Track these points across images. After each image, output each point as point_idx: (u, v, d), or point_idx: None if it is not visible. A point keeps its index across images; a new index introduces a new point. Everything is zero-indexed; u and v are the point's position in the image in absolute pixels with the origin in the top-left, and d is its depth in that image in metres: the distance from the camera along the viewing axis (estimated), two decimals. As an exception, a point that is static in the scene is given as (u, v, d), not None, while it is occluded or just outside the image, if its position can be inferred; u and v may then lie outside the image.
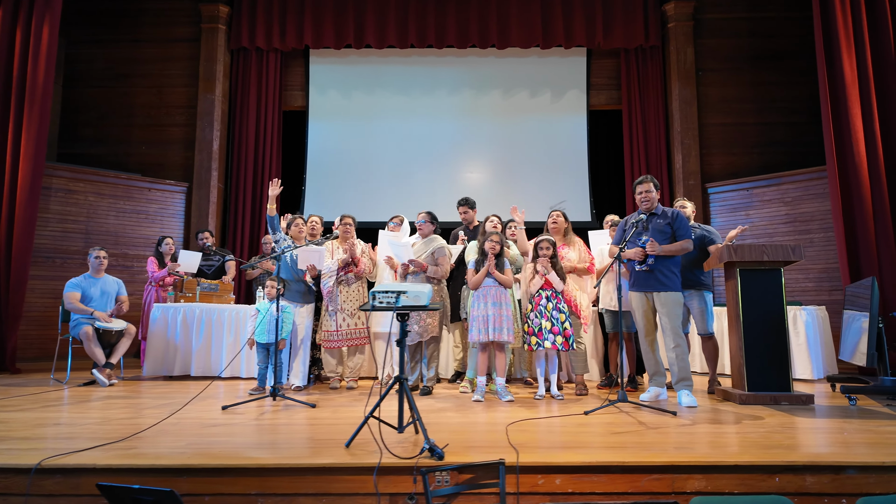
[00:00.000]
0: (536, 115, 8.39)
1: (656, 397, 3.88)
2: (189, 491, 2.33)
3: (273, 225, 4.34)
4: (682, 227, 3.90)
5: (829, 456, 2.36)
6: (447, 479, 2.31)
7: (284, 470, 2.32)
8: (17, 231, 5.64)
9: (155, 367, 5.03)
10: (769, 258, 3.84)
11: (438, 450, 2.30)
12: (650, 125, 8.04)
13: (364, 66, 8.46)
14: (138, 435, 2.79)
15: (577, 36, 8.02)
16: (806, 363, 4.99)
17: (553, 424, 3.05)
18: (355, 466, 2.30)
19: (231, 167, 8.14)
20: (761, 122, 7.88)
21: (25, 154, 5.77)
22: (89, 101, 8.08)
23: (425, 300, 2.54)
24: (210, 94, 7.98)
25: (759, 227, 7.38)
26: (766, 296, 3.84)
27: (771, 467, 2.30)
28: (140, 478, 2.31)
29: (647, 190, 3.99)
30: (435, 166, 8.29)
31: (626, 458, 2.33)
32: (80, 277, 4.93)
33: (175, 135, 8.05)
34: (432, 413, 3.39)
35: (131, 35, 8.20)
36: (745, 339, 3.81)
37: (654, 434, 2.79)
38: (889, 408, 3.57)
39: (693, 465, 2.31)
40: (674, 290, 3.82)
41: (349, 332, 4.40)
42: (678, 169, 7.85)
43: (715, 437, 2.72)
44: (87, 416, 3.28)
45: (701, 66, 8.03)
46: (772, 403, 3.69)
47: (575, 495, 2.31)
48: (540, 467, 2.32)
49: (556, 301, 4.00)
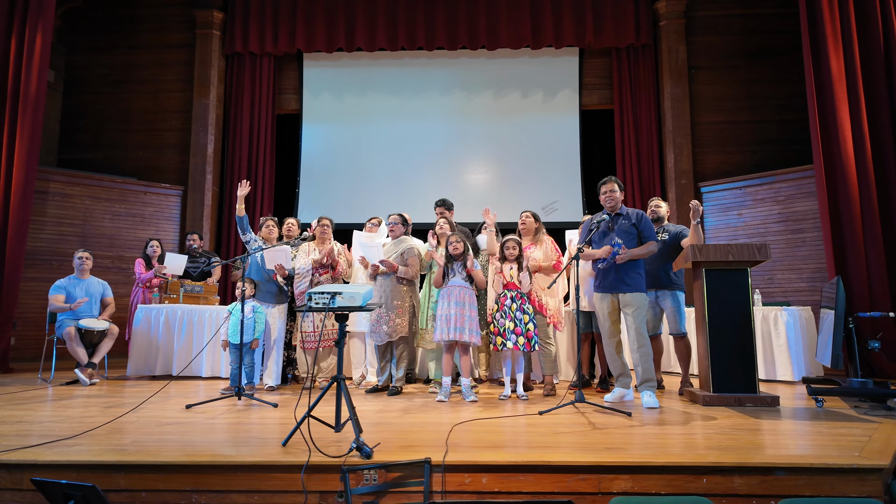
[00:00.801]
0: (528, 115, 8.38)
1: (621, 398, 3.86)
2: (127, 487, 2.39)
3: (242, 226, 4.42)
4: (647, 228, 3.88)
5: (759, 457, 2.33)
6: (375, 477, 2.34)
7: (217, 467, 2.37)
8: (10, 235, 5.81)
9: (138, 367, 5.14)
10: (735, 258, 3.80)
11: (366, 449, 2.33)
12: (642, 124, 7.98)
13: (357, 68, 8.54)
14: (91, 432, 2.87)
15: (567, 36, 8.00)
16: (786, 364, 4.92)
17: (502, 424, 3.07)
18: (285, 464, 2.35)
19: (226, 170, 8.27)
20: (755, 120, 7.78)
21: (19, 159, 5.94)
22: (88, 108, 8.28)
23: (360, 301, 2.57)
24: (205, 98, 8.12)
25: (751, 227, 7.28)
26: (732, 296, 3.81)
27: (699, 468, 2.29)
28: (79, 474, 2.38)
29: (610, 190, 3.97)
30: (427, 167, 8.33)
31: (553, 458, 2.34)
32: (66, 279, 5.07)
33: (171, 139, 8.21)
34: (388, 413, 3.42)
35: (128, 42, 8.38)
36: (711, 340, 3.78)
37: (597, 434, 2.79)
38: (856, 410, 3.51)
39: (620, 466, 2.31)
40: (638, 291, 3.80)
41: (326, 333, 4.45)
42: (670, 168, 7.78)
43: (655, 439, 2.70)
44: (51, 414, 3.38)
45: (693, 64, 7.95)
46: (736, 405, 3.65)
47: (501, 494, 2.33)
48: (467, 466, 2.34)
49: (521, 302, 4.01)
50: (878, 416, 3.23)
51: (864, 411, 3.43)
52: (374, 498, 2.35)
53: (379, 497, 2.35)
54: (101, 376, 5.09)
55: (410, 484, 2.30)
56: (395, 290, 4.18)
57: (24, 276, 6.39)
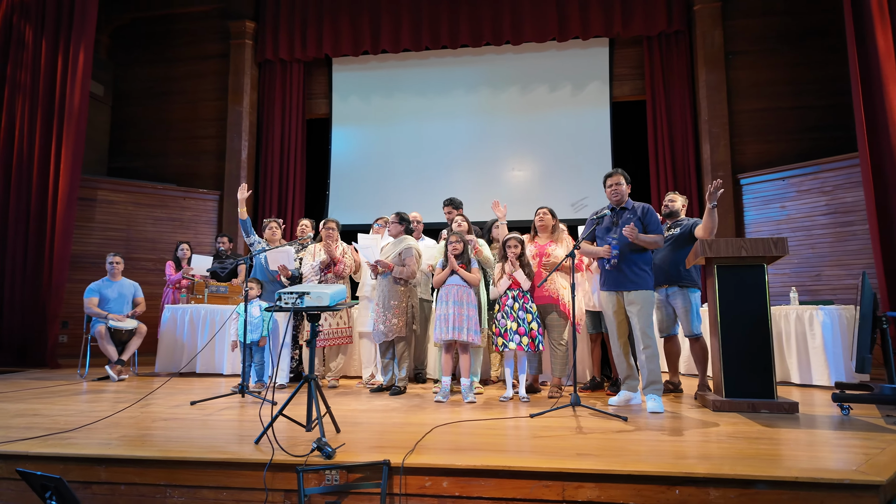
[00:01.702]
0: (557, 109, 8.19)
1: (627, 402, 3.69)
2: (107, 480, 2.50)
3: (246, 228, 4.53)
4: (652, 222, 3.69)
5: (741, 468, 2.15)
6: (337, 477, 2.33)
7: (188, 463, 2.43)
8: (57, 240, 6.23)
9: (165, 364, 5.39)
10: (749, 253, 3.55)
11: (327, 449, 2.33)
12: (675, 115, 7.62)
13: (383, 70, 8.62)
14: (90, 426, 3.02)
15: (594, 26, 7.75)
16: (823, 368, 4.55)
17: (485, 426, 2.99)
18: (251, 462, 2.38)
19: (260, 175, 8.55)
20: (799, 106, 7.27)
21: (64, 169, 6.37)
22: (133, 119, 8.77)
23: (328, 301, 2.57)
24: (238, 106, 8.42)
25: (795, 220, 6.81)
26: (746, 294, 3.56)
27: (672, 478, 2.14)
28: (65, 465, 2.51)
29: (616, 183, 3.81)
30: (454, 166, 8.29)
31: (516, 463, 2.26)
32: (99, 281, 5.38)
33: (208, 146, 8.57)
34: (375, 413, 3.42)
35: (169, 55, 8.81)
36: (723, 342, 3.55)
37: (577, 439, 2.67)
38: (887, 419, 3.19)
39: (587, 474, 2.19)
40: (644, 289, 3.62)
41: (330, 332, 4.51)
42: (706, 160, 7.38)
43: (639, 445, 2.56)
44: (63, 408, 3.58)
45: (730, 50, 7.52)
46: (749, 411, 3.41)
47: (462, 499, 2.27)
48: (428, 469, 2.29)
49: (524, 301, 3.90)
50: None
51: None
52: (336, 498, 2.34)
53: (341, 497, 2.34)
54: (131, 372, 5.36)
55: (369, 486, 2.27)
56: (392, 291, 4.18)
57: (73, 278, 6.85)
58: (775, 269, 6.85)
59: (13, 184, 6.44)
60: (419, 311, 4.55)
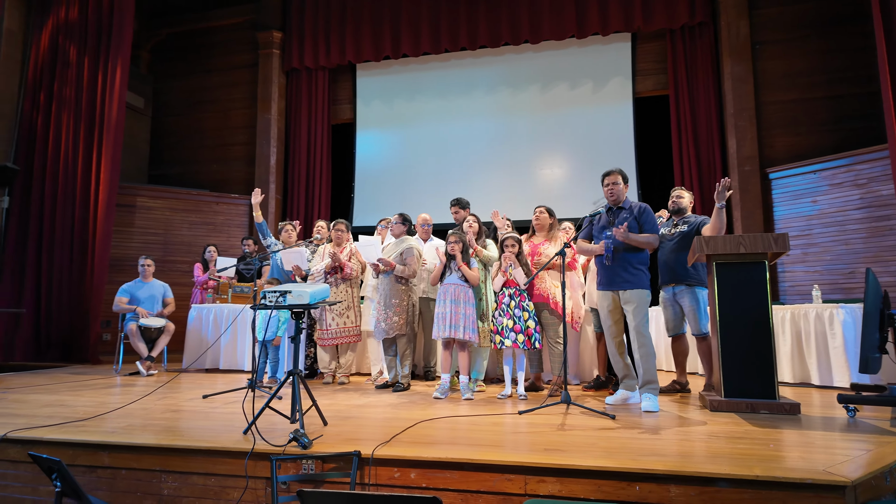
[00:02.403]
0: (578, 107, 8.13)
1: (624, 401, 3.66)
2: (110, 464, 2.70)
3: (262, 231, 4.73)
4: (648, 221, 3.65)
5: (706, 467, 2.13)
6: (313, 467, 2.45)
7: (179, 450, 2.60)
8: (97, 244, 6.67)
9: (192, 361, 5.69)
10: (748, 249, 3.46)
11: (303, 440, 2.45)
12: (700, 109, 7.42)
13: (405, 74, 8.77)
14: (103, 415, 3.26)
15: (614, 21, 7.65)
16: (843, 368, 4.35)
17: (467, 422, 3.04)
18: (234, 451, 2.52)
19: (288, 179, 8.85)
20: (831, 96, 6.95)
21: (103, 177, 6.81)
22: (171, 129, 9.26)
23: (308, 299, 2.69)
24: (267, 113, 8.76)
25: (827, 215, 6.52)
26: (747, 292, 3.47)
27: (633, 475, 2.15)
28: (73, 451, 2.73)
29: (613, 182, 3.79)
30: (474, 166, 8.35)
31: (482, 457, 2.31)
32: (131, 283, 5.72)
33: (239, 153, 8.95)
34: (372, 408, 3.52)
35: (203, 67, 9.26)
36: (722, 341, 3.47)
37: (553, 436, 2.69)
38: (894, 422, 3.06)
39: (548, 468, 2.22)
40: (639, 288, 3.58)
41: (338, 331, 4.66)
42: (732, 154, 7.17)
43: (611, 442, 2.55)
44: (87, 400, 3.86)
45: (758, 40, 7.26)
46: (747, 411, 3.33)
47: (429, 490, 2.34)
48: (397, 461, 2.37)
49: (520, 299, 3.93)
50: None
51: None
52: (312, 486, 2.46)
53: (317, 486, 2.45)
54: (161, 368, 5.68)
55: (338, 475, 2.38)
56: (393, 289, 4.28)
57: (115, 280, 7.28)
58: (805, 266, 6.59)
59: (59, 192, 6.93)
60: (427, 309, 4.64)
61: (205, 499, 2.57)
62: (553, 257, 3.82)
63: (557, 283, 4.20)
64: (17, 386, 4.56)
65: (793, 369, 4.64)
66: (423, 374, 5.00)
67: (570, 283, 4.35)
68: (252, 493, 2.48)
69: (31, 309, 6.74)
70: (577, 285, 4.38)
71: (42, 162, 7.02)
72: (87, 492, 2.69)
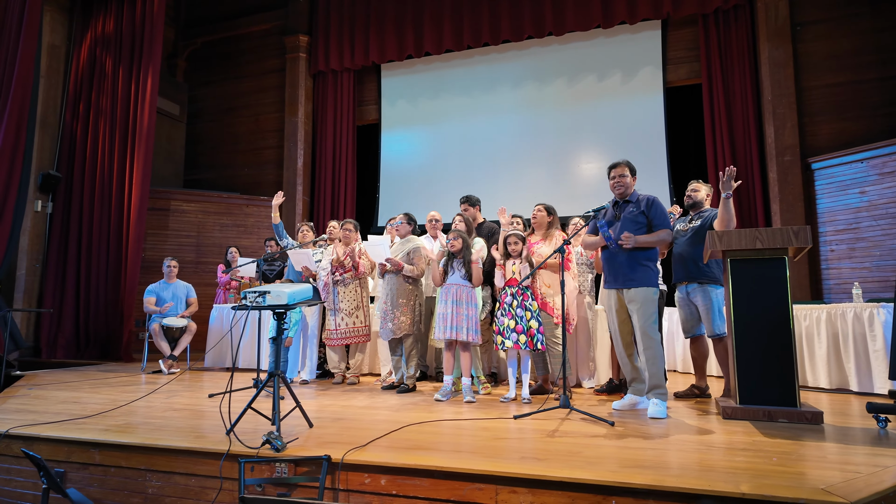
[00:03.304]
0: (606, 99, 7.85)
1: (633, 406, 3.47)
2: (101, 462, 2.76)
3: (279, 233, 4.78)
4: (659, 215, 3.43)
5: (685, 481, 1.96)
6: (286, 470, 2.41)
7: (162, 450, 2.63)
8: (130, 246, 6.94)
9: (213, 360, 5.83)
10: (765, 245, 3.21)
11: (276, 443, 2.41)
12: (735, 97, 7.00)
13: (429, 73, 8.71)
14: (107, 413, 3.35)
15: (641, 9, 7.33)
16: (884, 374, 3.98)
17: (457, 427, 2.94)
18: (211, 452, 2.52)
19: (315, 181, 8.96)
20: (885, 77, 6.40)
21: (135, 183, 7.08)
22: (205, 134, 9.55)
23: (286, 299, 2.66)
24: (294, 117, 8.89)
25: (878, 206, 6.02)
26: (765, 290, 3.21)
27: (609, 488, 2.00)
28: (68, 448, 2.80)
29: (620, 174, 3.59)
30: (499, 163, 8.20)
31: (453, 464, 2.21)
32: (157, 283, 5.92)
33: (268, 156, 9.13)
34: (366, 410, 3.47)
35: (235, 73, 9.50)
36: (737, 343, 3.23)
37: (539, 442, 2.56)
38: (932, 434, 2.75)
39: (522, 478, 2.10)
40: (645, 286, 3.37)
41: (347, 331, 4.64)
42: (770, 144, 6.72)
43: (598, 451, 2.40)
44: (104, 397, 3.99)
45: (800, 20, 6.79)
46: (765, 419, 3.08)
47: (399, 497, 2.26)
48: (368, 466, 2.31)
49: (522, 298, 3.79)
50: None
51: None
52: (286, 489, 2.42)
53: (290, 490, 2.42)
54: (184, 367, 5.84)
55: (302, 479, 2.33)
56: (400, 289, 4.22)
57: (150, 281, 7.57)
58: (852, 262, 6.12)
59: (97, 197, 7.25)
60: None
61: (186, 499, 2.58)
62: (549, 256, 3.66)
63: (549, 282, 4.02)
64: (46, 382, 4.78)
65: (829, 374, 4.29)
66: (435, 376, 4.92)
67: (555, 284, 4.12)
68: (229, 495, 2.47)
69: (71, 309, 7.09)
70: (570, 287, 4.16)
71: (81, 169, 7.37)
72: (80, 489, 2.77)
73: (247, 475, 2.42)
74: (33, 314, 7.19)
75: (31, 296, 7.23)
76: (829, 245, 6.34)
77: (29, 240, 7.21)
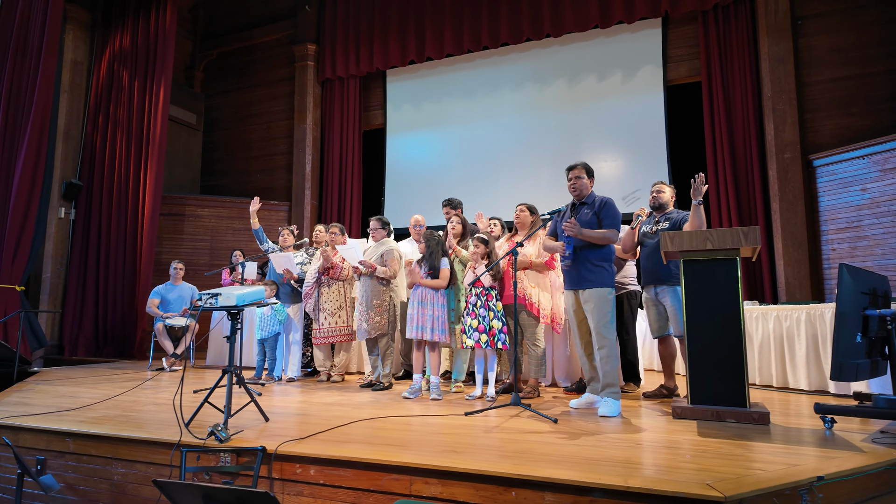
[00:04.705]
0: (607, 99, 7.84)
1: (590, 404, 3.52)
2: (75, 451, 3.00)
3: (259, 237, 5.00)
4: (609, 216, 3.48)
5: (580, 475, 2.03)
6: (228, 459, 2.59)
7: (125, 440, 2.84)
8: (143, 250, 7.33)
9: (214, 358, 6.11)
10: (716, 245, 3.22)
11: (220, 434, 2.59)
12: (735, 94, 6.90)
13: (432, 77, 8.86)
14: (91, 406, 3.61)
15: (639, 7, 7.30)
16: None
17: (402, 422, 3.06)
18: (163, 442, 2.72)
19: (323, 185, 9.23)
20: (894, 70, 6.20)
21: (149, 189, 7.47)
22: (221, 142, 9.95)
23: (234, 301, 2.84)
24: (302, 123, 9.18)
25: (880, 203, 5.85)
26: (716, 291, 3.22)
27: (510, 480, 2.09)
28: (48, 437, 3.05)
29: (577, 176, 3.65)
30: (501, 164, 8.28)
31: (373, 456, 2.33)
32: (163, 285, 6.24)
33: (279, 162, 9.44)
34: (328, 406, 3.63)
35: (248, 82, 9.86)
36: (690, 343, 3.25)
37: (469, 437, 2.65)
38: (876, 437, 2.71)
39: (432, 470, 2.21)
40: (599, 286, 3.42)
41: (330, 330, 4.82)
42: (770, 141, 6.60)
43: (520, 446, 2.48)
44: (100, 392, 4.27)
45: (801, 14, 6.64)
46: (713, 419, 3.10)
47: (326, 487, 2.40)
48: (300, 457, 2.45)
49: (487, 298, 3.88)
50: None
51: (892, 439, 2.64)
52: (230, 477, 2.60)
53: (234, 478, 2.59)
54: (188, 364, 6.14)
55: (233, 468, 2.50)
56: (374, 290, 4.37)
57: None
58: (854, 261, 5.95)
59: (114, 204, 7.68)
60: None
61: (146, 485, 2.79)
62: (502, 258, 3.74)
63: (535, 283, 4.10)
64: (55, 378, 5.13)
65: (809, 376, 4.22)
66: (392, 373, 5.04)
67: (548, 285, 4.21)
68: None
69: (91, 309, 7.52)
70: (555, 287, 4.24)
71: (100, 177, 7.81)
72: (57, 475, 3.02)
73: (194, 464, 2.61)
74: (57, 315, 7.66)
75: (56, 297, 7.70)
76: (831, 244, 6.19)
77: (54, 245, 7.69)
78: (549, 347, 4.68)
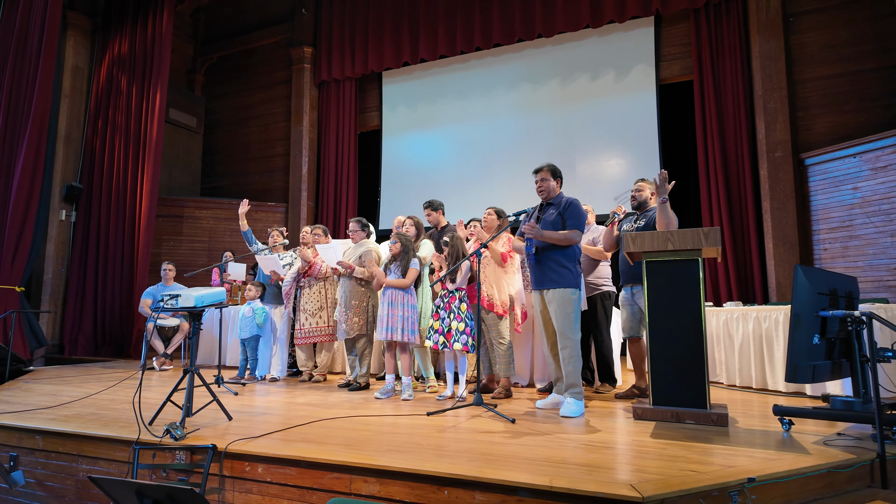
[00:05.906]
0: (600, 98, 7.81)
1: (556, 405, 3.53)
2: (44, 448, 3.08)
3: (248, 239, 5.08)
4: (572, 216, 3.48)
5: (508, 474, 2.04)
6: (183, 457, 2.64)
7: (89, 438, 2.92)
8: (140, 251, 7.46)
9: (204, 358, 6.20)
10: (676, 246, 3.21)
11: (175, 433, 2.65)
12: (726, 93, 6.83)
13: (427, 79, 8.89)
14: (68, 404, 3.70)
15: (630, 6, 7.26)
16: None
17: (361, 422, 3.09)
18: (122, 439, 2.79)
19: (319, 187, 9.31)
20: (888, 66, 6.10)
21: (145, 192, 7.60)
22: (221, 144, 10.08)
23: (193, 302, 2.90)
24: (299, 125, 9.27)
25: (871, 202, 5.76)
26: (678, 291, 3.21)
27: (443, 479, 2.11)
28: (19, 434, 3.14)
29: (543, 178, 3.67)
30: (495, 165, 8.29)
31: (313, 455, 2.37)
32: (155, 286, 6.36)
33: (277, 163, 9.55)
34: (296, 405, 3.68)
35: (247, 85, 9.98)
36: (651, 344, 3.24)
37: (419, 437, 2.68)
38: (835, 438, 2.69)
39: (370, 468, 2.25)
40: (562, 287, 3.43)
41: (311, 330, 4.88)
42: (761, 140, 6.53)
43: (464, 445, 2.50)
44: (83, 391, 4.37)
45: (793, 11, 6.56)
46: (672, 420, 3.09)
47: (272, 484, 2.44)
48: (248, 455, 2.50)
49: (450, 300, 3.90)
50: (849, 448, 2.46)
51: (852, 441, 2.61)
52: (185, 475, 2.66)
53: (189, 475, 2.65)
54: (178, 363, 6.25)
55: (183, 466, 2.56)
56: (353, 291, 4.41)
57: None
58: (846, 261, 5.87)
59: (112, 206, 7.83)
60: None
61: (108, 481, 2.85)
62: (466, 258, 3.76)
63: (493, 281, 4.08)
64: (46, 377, 5.26)
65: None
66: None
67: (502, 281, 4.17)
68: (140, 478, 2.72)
69: (90, 309, 7.68)
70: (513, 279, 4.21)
71: (100, 180, 7.96)
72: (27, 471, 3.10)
73: (150, 461, 2.68)
74: (58, 315, 7.84)
75: (57, 298, 7.88)
76: (823, 244, 6.10)
77: (55, 246, 7.86)
78: (528, 349, 4.70)
